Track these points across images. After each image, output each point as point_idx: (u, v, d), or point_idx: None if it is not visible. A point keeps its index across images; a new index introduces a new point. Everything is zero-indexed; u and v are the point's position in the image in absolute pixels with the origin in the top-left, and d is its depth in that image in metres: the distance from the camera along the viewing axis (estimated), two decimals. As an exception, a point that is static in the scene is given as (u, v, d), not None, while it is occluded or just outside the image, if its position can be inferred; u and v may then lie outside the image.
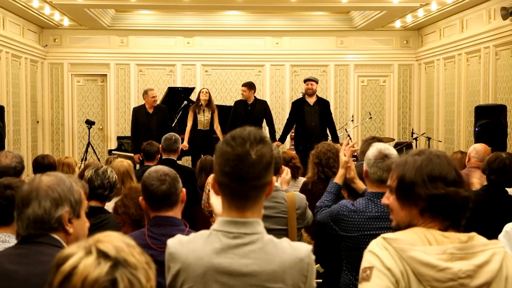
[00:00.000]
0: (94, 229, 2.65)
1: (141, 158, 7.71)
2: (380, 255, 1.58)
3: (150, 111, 8.05)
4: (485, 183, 4.02)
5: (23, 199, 1.81)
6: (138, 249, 1.12)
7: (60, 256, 1.08)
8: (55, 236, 1.79)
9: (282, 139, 8.58)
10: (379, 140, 3.72)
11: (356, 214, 2.73)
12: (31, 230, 1.80)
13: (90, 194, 3.14)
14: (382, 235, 1.62)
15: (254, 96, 8.51)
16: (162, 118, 8.10)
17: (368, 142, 3.63)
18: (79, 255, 1.05)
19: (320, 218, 3.01)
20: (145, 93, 8.13)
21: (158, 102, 8.32)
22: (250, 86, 8.45)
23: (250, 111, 8.31)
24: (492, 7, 8.45)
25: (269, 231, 1.68)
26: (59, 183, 1.83)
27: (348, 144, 3.16)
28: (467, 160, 4.81)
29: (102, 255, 1.05)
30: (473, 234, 1.63)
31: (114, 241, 1.09)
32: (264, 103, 8.69)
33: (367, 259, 1.61)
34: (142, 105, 8.21)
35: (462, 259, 1.57)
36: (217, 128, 8.33)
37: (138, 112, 8.10)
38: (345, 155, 3.08)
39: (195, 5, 9.70)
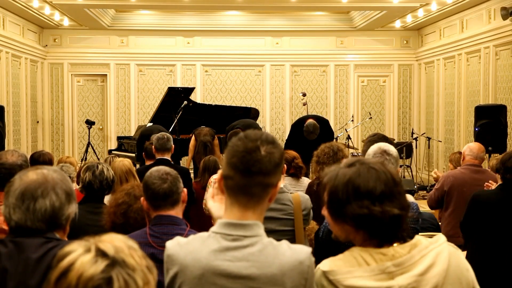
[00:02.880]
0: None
1: None
2: None
3: None
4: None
5: (38, 189, 1.72)
6: (140, 253, 1.11)
7: (61, 253, 1.08)
8: (56, 235, 1.77)
9: None
10: (381, 136, 3.70)
11: None
12: (42, 224, 1.73)
13: (91, 196, 3.20)
14: (322, 267, 1.57)
15: None
16: None
17: (370, 140, 3.60)
18: (78, 252, 1.05)
19: (322, 233, 2.99)
20: None
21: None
22: None
23: None
24: (492, 7, 8.45)
25: (276, 232, 1.67)
26: (66, 178, 1.79)
27: None
28: (462, 159, 4.83)
29: (101, 253, 1.05)
30: (415, 240, 1.56)
31: (115, 241, 1.09)
32: None
33: None
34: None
35: (403, 273, 1.50)
36: (219, 157, 8.21)
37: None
38: None
39: (195, 5, 9.71)
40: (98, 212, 3.03)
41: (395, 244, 1.55)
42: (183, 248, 1.62)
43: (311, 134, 7.65)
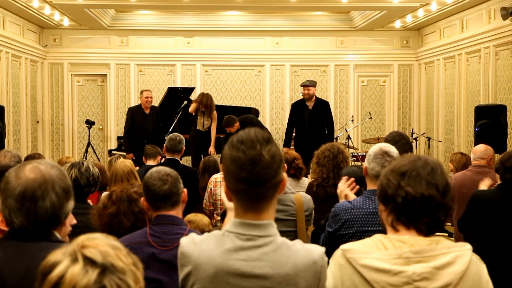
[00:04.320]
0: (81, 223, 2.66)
1: (134, 158, 7.85)
2: (328, 276, 1.62)
3: (147, 111, 8.25)
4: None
5: (37, 190, 1.64)
6: (124, 251, 1.10)
7: (45, 264, 1.05)
8: (57, 234, 1.73)
9: (287, 144, 8.47)
10: (404, 136, 3.71)
11: (354, 210, 2.74)
12: (44, 225, 1.67)
13: (78, 194, 3.17)
14: (342, 246, 1.61)
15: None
16: (156, 119, 8.31)
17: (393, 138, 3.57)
18: (65, 263, 1.03)
19: (322, 237, 2.98)
20: (141, 92, 8.45)
21: (155, 103, 8.39)
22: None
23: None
24: (492, 7, 8.45)
25: (279, 233, 1.68)
26: (64, 175, 1.73)
27: (347, 183, 3.09)
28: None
29: (89, 262, 1.03)
30: (439, 238, 1.58)
31: (100, 245, 1.07)
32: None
33: (326, 275, 1.64)
34: (139, 105, 8.41)
35: (420, 262, 1.52)
36: (213, 131, 8.29)
37: (136, 113, 8.30)
38: (341, 189, 3.06)
39: (195, 5, 9.70)
40: (82, 213, 2.95)
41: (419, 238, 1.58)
42: (197, 247, 1.62)
43: (304, 85, 8.15)
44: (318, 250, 1.63)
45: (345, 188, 3.01)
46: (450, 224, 5.50)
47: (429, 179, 1.58)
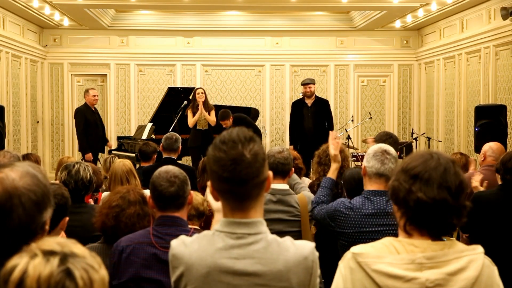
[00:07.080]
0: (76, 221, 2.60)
1: (92, 158, 7.99)
2: (338, 279, 1.61)
3: (93, 109, 8.72)
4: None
5: (2, 206, 1.47)
6: (80, 245, 1.11)
7: (5, 270, 1.04)
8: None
9: (293, 141, 8.65)
10: (391, 135, 3.72)
11: (352, 211, 2.77)
12: (16, 240, 1.49)
13: (74, 194, 3.11)
14: (353, 249, 1.60)
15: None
16: (99, 117, 8.92)
17: (381, 139, 3.63)
18: (25, 261, 1.03)
19: (317, 214, 3.04)
20: (86, 91, 8.78)
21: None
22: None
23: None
24: (492, 7, 8.45)
25: (284, 233, 1.68)
26: (38, 183, 1.53)
27: (335, 138, 3.23)
28: (482, 159, 4.77)
29: (48, 253, 1.04)
30: (452, 242, 1.56)
31: (56, 240, 1.08)
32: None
33: (335, 277, 1.63)
34: (85, 104, 8.73)
35: (432, 268, 1.49)
36: (209, 119, 8.35)
37: (86, 111, 8.62)
38: (333, 149, 3.17)
39: (195, 5, 9.70)
40: (79, 212, 3.00)
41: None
42: (188, 248, 1.63)
43: (306, 83, 8.46)
44: (308, 246, 1.64)
45: (335, 141, 3.13)
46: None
47: (441, 181, 1.53)
